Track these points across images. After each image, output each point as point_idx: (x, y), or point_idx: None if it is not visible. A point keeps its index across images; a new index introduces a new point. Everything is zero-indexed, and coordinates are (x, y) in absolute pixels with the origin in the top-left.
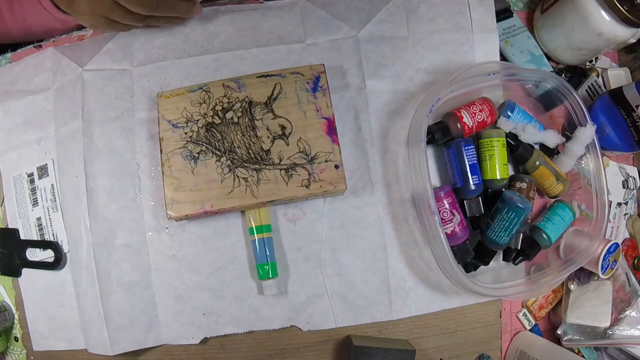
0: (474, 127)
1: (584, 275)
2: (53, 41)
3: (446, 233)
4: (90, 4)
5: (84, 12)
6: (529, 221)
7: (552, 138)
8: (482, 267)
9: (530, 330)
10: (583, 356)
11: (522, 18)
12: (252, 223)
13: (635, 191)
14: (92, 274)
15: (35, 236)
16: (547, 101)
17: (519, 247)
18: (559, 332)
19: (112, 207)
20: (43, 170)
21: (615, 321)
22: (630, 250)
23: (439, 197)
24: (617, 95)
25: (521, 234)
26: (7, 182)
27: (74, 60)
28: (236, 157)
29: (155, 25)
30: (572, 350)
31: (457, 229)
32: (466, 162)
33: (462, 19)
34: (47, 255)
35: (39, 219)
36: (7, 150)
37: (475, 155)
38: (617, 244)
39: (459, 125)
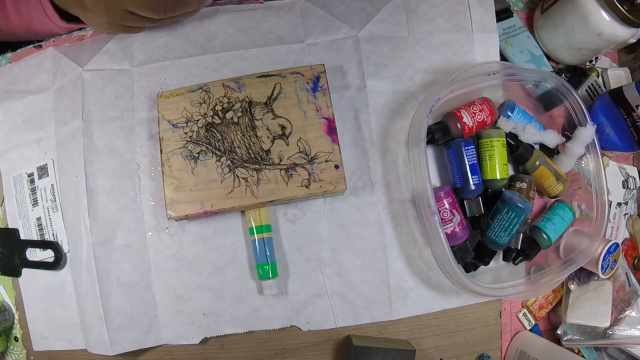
0: (474, 127)
1: (584, 275)
2: (53, 41)
3: (446, 233)
4: (106, 15)
5: (100, 23)
6: (529, 221)
7: (552, 138)
8: (482, 267)
9: (530, 330)
10: (583, 356)
11: (522, 18)
12: (252, 223)
13: (635, 191)
14: (92, 274)
15: (35, 236)
16: (547, 101)
17: (519, 247)
18: (559, 332)
19: (112, 207)
20: (43, 170)
21: (615, 321)
22: (630, 250)
23: (439, 197)
24: (617, 95)
25: (521, 234)
26: (7, 182)
27: (74, 60)
28: (236, 157)
29: (170, 22)
30: (572, 350)
31: (457, 229)
32: (466, 162)
33: (462, 19)
34: (47, 255)
35: (39, 219)
36: (7, 150)
37: (475, 155)
38: (617, 244)
39: (459, 125)
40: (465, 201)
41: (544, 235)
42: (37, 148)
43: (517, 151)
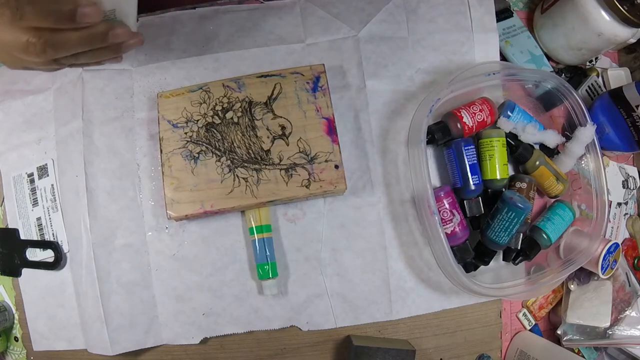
0: (474, 127)
1: (584, 275)
2: None
3: (446, 233)
4: (8, 61)
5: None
6: (529, 221)
7: (552, 138)
8: (482, 267)
9: (530, 330)
10: (583, 356)
11: (522, 18)
12: (252, 223)
13: (635, 191)
14: (92, 274)
15: (35, 236)
16: (547, 101)
17: (519, 247)
18: (559, 332)
19: (112, 207)
20: (43, 170)
21: (615, 321)
22: (630, 250)
23: (439, 197)
24: (617, 95)
25: (521, 234)
26: (7, 182)
27: None
28: (236, 157)
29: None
30: (572, 350)
31: (457, 229)
32: (466, 162)
33: (462, 19)
34: (47, 255)
35: (39, 219)
36: (7, 150)
37: (475, 155)
38: (617, 244)
39: (459, 125)
40: (465, 201)
41: (544, 235)
42: (37, 148)
43: (517, 151)
